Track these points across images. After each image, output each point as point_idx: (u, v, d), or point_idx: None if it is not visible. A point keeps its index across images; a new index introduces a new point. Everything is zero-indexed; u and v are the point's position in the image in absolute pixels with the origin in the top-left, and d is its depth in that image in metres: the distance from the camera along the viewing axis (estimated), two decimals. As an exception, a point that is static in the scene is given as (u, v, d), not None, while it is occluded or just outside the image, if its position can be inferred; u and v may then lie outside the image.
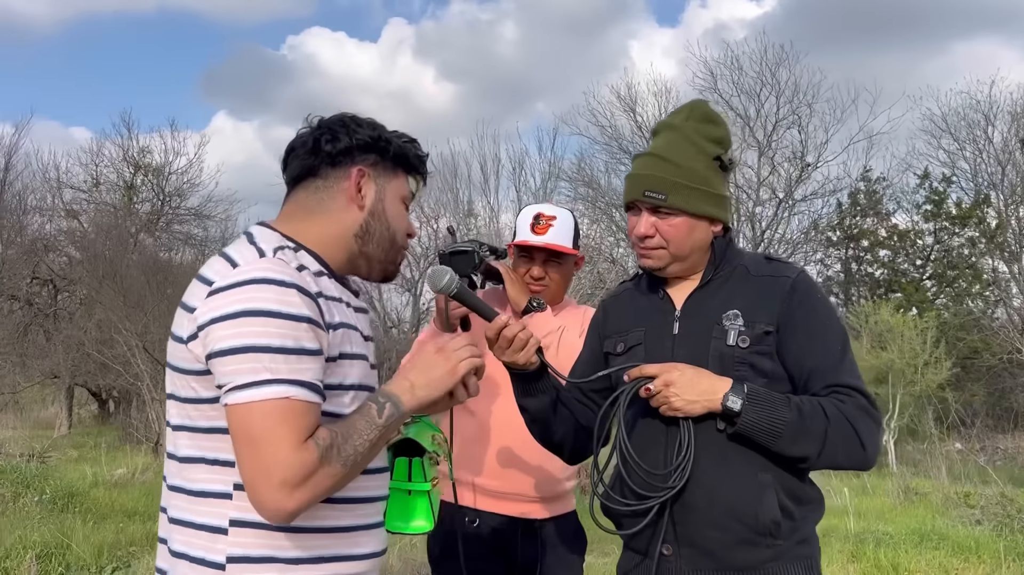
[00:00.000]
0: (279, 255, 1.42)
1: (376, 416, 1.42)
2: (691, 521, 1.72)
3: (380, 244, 1.56)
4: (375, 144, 1.54)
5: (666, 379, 1.69)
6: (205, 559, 1.39)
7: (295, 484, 1.30)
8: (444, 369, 1.52)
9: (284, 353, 1.32)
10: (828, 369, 1.74)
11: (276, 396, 1.31)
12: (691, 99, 1.94)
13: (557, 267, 2.50)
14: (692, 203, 1.78)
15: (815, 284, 1.84)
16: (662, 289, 1.89)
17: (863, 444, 1.69)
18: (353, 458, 1.38)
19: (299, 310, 1.35)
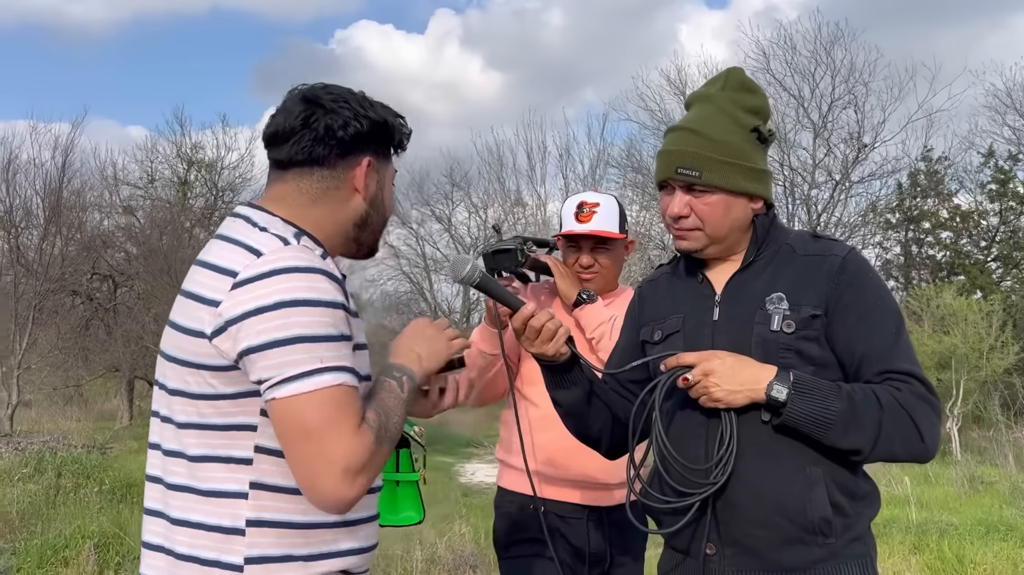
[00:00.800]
0: (304, 244, 1.39)
1: (400, 391, 1.42)
2: (735, 519, 1.61)
3: (375, 231, 1.55)
4: (380, 130, 1.49)
5: (705, 368, 1.58)
6: (220, 561, 1.35)
7: (357, 470, 1.29)
8: (442, 341, 1.52)
9: (329, 341, 1.31)
10: (882, 354, 1.61)
11: (331, 384, 1.29)
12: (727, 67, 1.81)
13: (606, 253, 2.47)
14: (729, 179, 1.66)
15: (867, 262, 1.70)
16: (701, 272, 1.77)
17: (921, 435, 1.57)
18: (395, 435, 1.38)
19: (333, 297, 1.33)
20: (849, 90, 20.47)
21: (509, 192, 22.03)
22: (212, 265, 1.36)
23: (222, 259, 1.35)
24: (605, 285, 2.50)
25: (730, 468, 1.58)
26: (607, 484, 2.36)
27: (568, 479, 2.37)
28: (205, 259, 1.38)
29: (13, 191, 17.88)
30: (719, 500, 1.62)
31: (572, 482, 2.37)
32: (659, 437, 1.63)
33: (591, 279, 2.47)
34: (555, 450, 2.36)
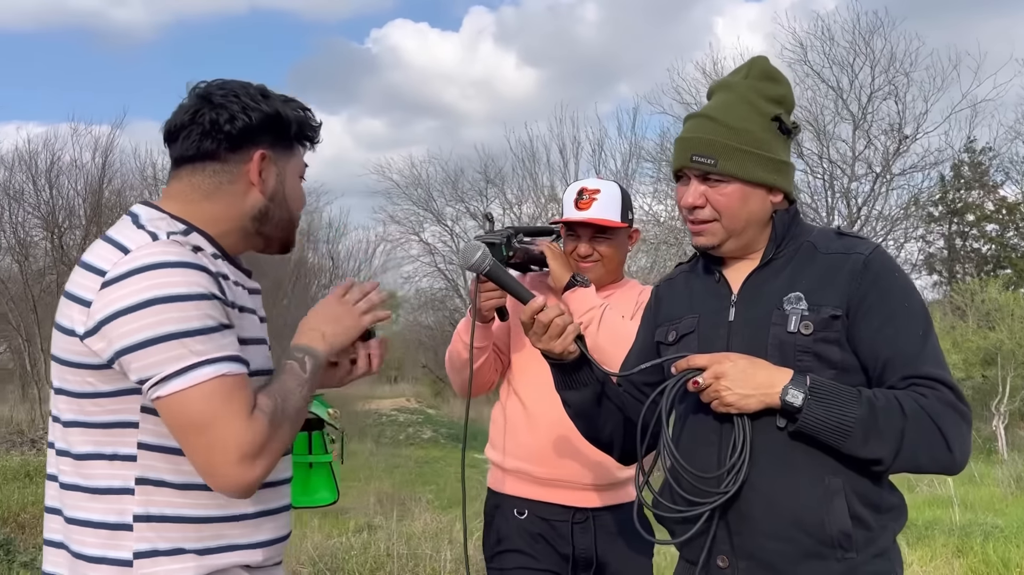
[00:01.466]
0: (174, 238, 1.37)
1: (301, 371, 1.41)
2: (748, 530, 1.54)
3: (279, 225, 1.52)
4: (273, 122, 1.47)
5: (716, 371, 1.50)
6: (107, 557, 1.35)
7: (255, 454, 1.30)
8: (351, 318, 1.50)
9: (205, 333, 1.30)
10: (907, 358, 1.52)
11: (213, 376, 1.29)
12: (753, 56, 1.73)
13: (606, 242, 2.36)
14: (745, 168, 1.59)
15: (892, 261, 1.61)
16: (718, 271, 1.70)
17: (949, 444, 1.47)
18: (295, 416, 1.39)
19: (204, 288, 1.32)
20: (889, 80, 20.01)
21: (543, 188, 21.94)
22: (87, 264, 1.36)
23: (96, 258, 1.35)
24: (605, 275, 2.39)
25: (742, 477, 1.51)
26: (593, 485, 2.27)
27: (552, 479, 2.28)
28: (83, 258, 1.38)
29: (56, 192, 18.24)
30: (731, 511, 1.54)
31: (556, 482, 2.28)
32: (666, 444, 1.56)
33: (590, 268, 2.36)
34: (538, 450, 2.28)
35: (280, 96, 1.50)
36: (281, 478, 1.49)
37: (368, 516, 6.91)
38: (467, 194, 23.48)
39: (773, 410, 1.50)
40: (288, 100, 1.50)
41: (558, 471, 2.27)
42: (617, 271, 2.43)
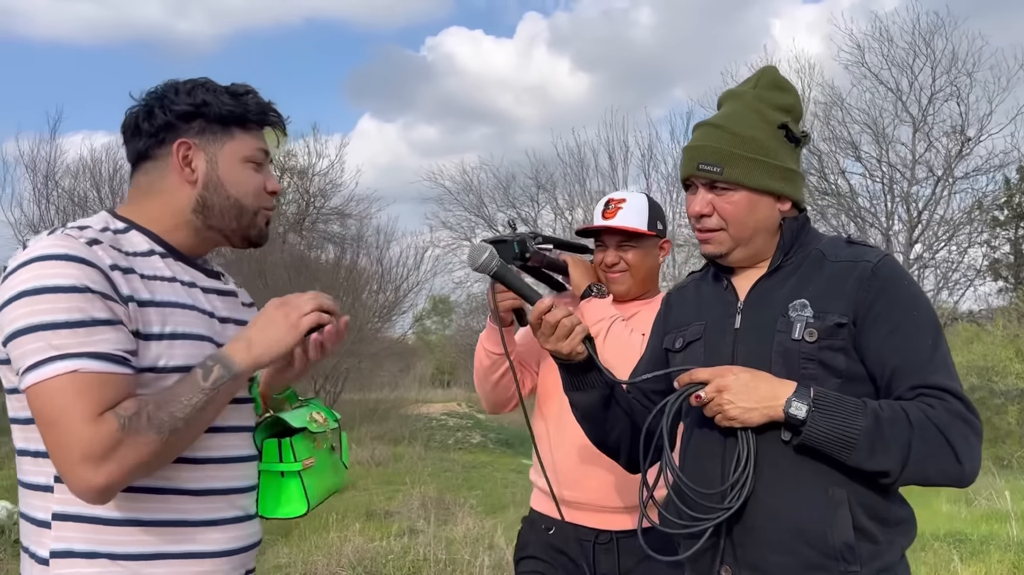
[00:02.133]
0: (68, 231, 1.35)
1: (200, 379, 1.34)
2: (751, 542, 1.52)
3: (224, 214, 1.48)
4: (196, 112, 1.45)
5: (719, 384, 1.49)
6: (36, 554, 1.36)
7: (98, 458, 1.24)
8: (284, 326, 1.42)
9: (71, 327, 1.26)
10: (915, 368, 1.48)
11: (64, 371, 1.25)
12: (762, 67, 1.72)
13: (632, 251, 2.33)
14: (751, 176, 1.58)
15: (901, 269, 1.58)
16: (726, 278, 1.69)
17: (958, 456, 1.44)
18: (171, 424, 1.30)
19: (80, 281, 1.28)
20: (951, 81, 19.47)
21: (593, 194, 21.87)
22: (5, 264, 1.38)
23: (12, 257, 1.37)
24: (634, 287, 2.34)
25: (747, 491, 1.49)
26: (615, 508, 2.24)
27: (575, 501, 2.26)
28: None
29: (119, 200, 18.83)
30: (735, 522, 1.53)
31: (579, 504, 2.26)
32: (668, 460, 1.55)
33: (618, 279, 2.33)
34: (563, 472, 2.27)
35: (217, 86, 1.49)
36: (229, 487, 1.44)
37: (411, 520, 6.96)
38: (518, 199, 23.55)
39: (777, 423, 1.48)
40: (226, 88, 1.49)
41: (579, 493, 2.26)
42: (646, 283, 2.38)
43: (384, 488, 9.17)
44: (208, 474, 1.41)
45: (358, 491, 9.14)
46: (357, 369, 16.68)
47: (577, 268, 2.36)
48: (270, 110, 1.53)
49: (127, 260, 1.37)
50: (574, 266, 2.36)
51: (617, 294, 2.35)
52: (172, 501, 1.37)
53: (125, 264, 1.36)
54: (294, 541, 6.05)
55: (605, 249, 2.35)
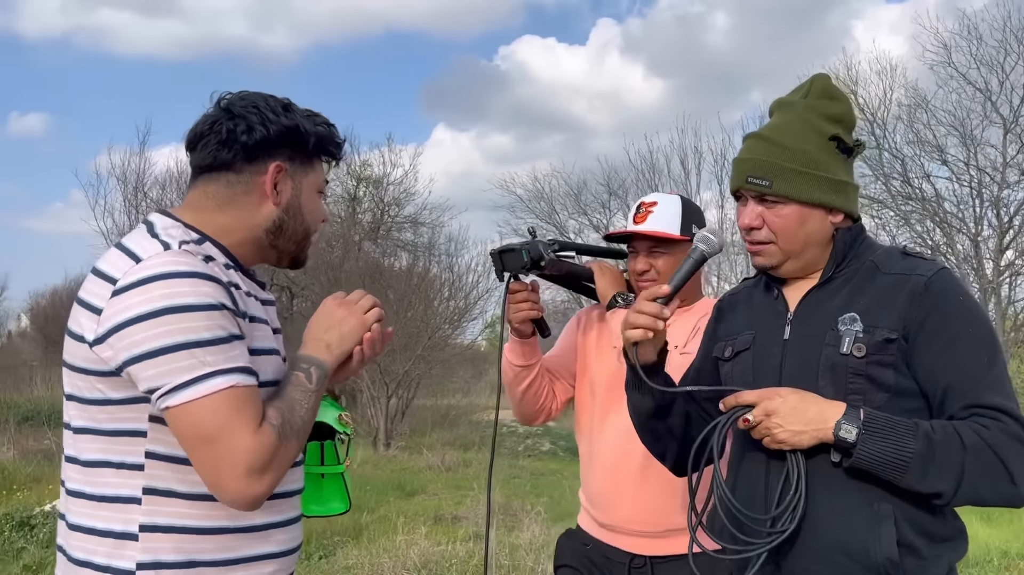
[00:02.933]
0: (185, 248, 1.36)
1: (307, 383, 1.41)
2: (793, 553, 1.50)
3: (292, 238, 1.52)
4: (292, 136, 1.46)
5: (767, 408, 1.47)
6: (111, 567, 1.34)
7: (262, 469, 1.30)
8: (352, 323, 1.48)
9: (216, 344, 1.29)
10: (968, 386, 1.45)
11: (222, 387, 1.28)
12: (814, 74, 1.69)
13: (663, 257, 2.21)
14: (801, 190, 1.56)
15: (958, 284, 1.53)
16: (777, 288, 1.67)
17: (1013, 478, 1.41)
18: (301, 430, 1.37)
19: (216, 299, 1.31)
20: (1045, 80, 18.59)
21: (667, 200, 21.60)
22: (99, 271, 1.35)
23: (108, 265, 1.35)
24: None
25: (799, 514, 1.47)
26: (651, 532, 2.16)
27: (609, 524, 2.22)
28: (96, 265, 1.37)
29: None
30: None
31: (613, 527, 2.21)
32: (719, 486, 1.53)
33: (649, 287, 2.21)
34: (595, 493, 2.24)
35: (303, 111, 1.50)
36: (291, 489, 1.47)
37: (478, 526, 7.01)
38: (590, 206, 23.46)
39: (827, 444, 1.46)
40: (311, 115, 1.50)
41: (614, 516, 2.20)
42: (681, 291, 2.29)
43: (453, 493, 9.25)
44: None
45: (427, 495, 9.26)
46: (429, 375, 16.87)
47: (604, 276, 2.27)
48: (342, 147, 1.56)
49: (226, 274, 1.39)
50: (600, 274, 2.27)
51: None
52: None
53: (227, 279, 1.38)
54: (363, 543, 6.18)
55: (636, 255, 2.25)
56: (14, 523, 6.16)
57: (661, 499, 2.12)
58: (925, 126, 19.30)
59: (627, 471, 2.16)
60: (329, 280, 16.42)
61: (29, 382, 19.88)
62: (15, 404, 12.61)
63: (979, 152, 19.10)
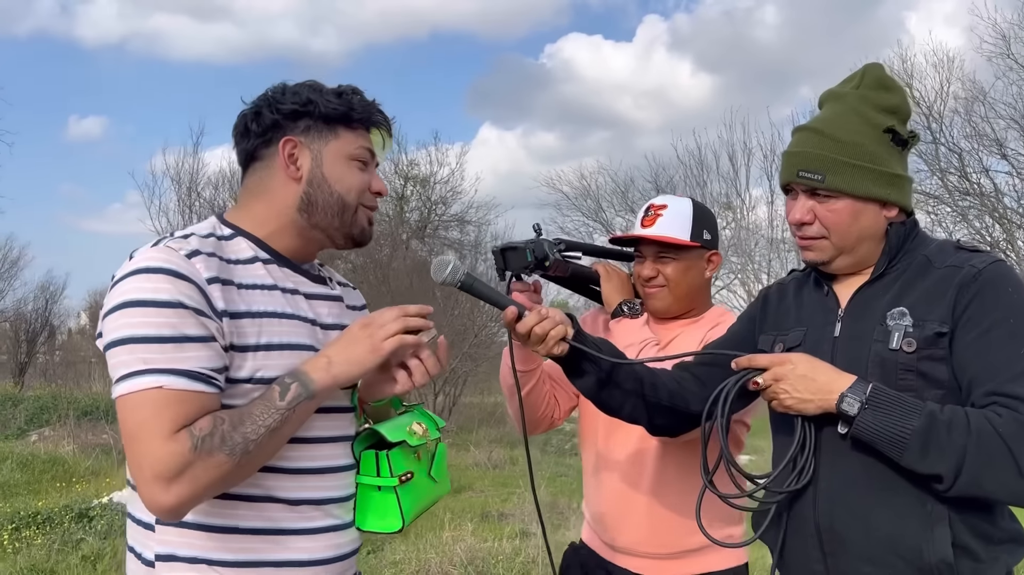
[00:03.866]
0: (170, 243, 1.35)
1: (277, 399, 1.32)
2: (843, 553, 1.47)
3: (327, 211, 1.47)
4: (304, 109, 1.45)
5: (776, 373, 1.48)
6: (142, 555, 1.39)
7: (169, 478, 1.23)
8: (366, 345, 1.39)
9: (161, 342, 1.26)
10: (994, 373, 1.39)
11: (148, 386, 1.25)
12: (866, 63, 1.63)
13: (671, 263, 2.08)
14: (855, 184, 1.52)
15: (1010, 275, 1.47)
16: (828, 284, 1.64)
17: (1020, 470, 1.33)
18: (243, 446, 1.28)
19: (173, 296, 1.28)
20: (1112, 70, 17.94)
21: (714, 196, 21.41)
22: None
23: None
24: (674, 304, 2.10)
25: (807, 478, 1.49)
26: (658, 554, 2.06)
27: (617, 545, 2.11)
28: None
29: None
30: (826, 531, 1.50)
31: (621, 549, 2.10)
32: (724, 447, 1.54)
33: (655, 294, 2.10)
34: (602, 513, 2.13)
35: (325, 87, 1.49)
36: (321, 497, 1.42)
37: (524, 523, 7.01)
38: (636, 204, 23.29)
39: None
40: (333, 89, 1.49)
41: (622, 538, 2.09)
42: (689, 298, 2.12)
43: (499, 490, 9.27)
44: (303, 484, 1.41)
45: (474, 492, 9.29)
46: (475, 372, 16.93)
47: (610, 281, 2.17)
48: (375, 110, 1.52)
49: (227, 270, 1.38)
50: (607, 279, 2.17)
51: (655, 311, 2.13)
52: (266, 509, 1.38)
53: (224, 275, 1.36)
54: (410, 539, 6.22)
55: (643, 260, 2.12)
56: (73, 515, 6.34)
57: (671, 522, 2.04)
58: (983, 119, 18.76)
59: (637, 494, 2.07)
60: (377, 279, 16.58)
61: (88, 378, 20.45)
62: (75, 399, 12.99)
63: (1041, 146, 18.52)
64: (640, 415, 1.74)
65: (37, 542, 5.71)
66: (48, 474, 9.22)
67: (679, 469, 2.02)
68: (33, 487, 8.58)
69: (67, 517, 6.30)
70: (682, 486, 2.01)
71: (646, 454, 2.06)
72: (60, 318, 27.71)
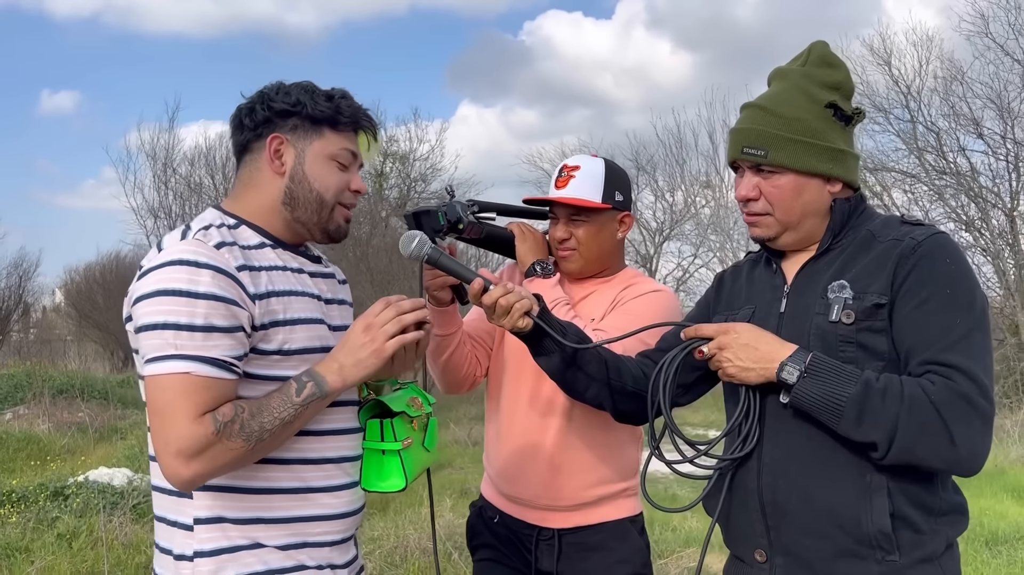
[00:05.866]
0: (198, 236, 1.46)
1: (294, 395, 1.45)
2: (786, 526, 1.51)
3: (307, 207, 1.56)
4: (293, 108, 1.54)
5: (721, 342, 1.52)
6: (177, 521, 1.50)
7: (190, 455, 1.36)
8: (370, 350, 1.51)
9: (191, 330, 1.38)
10: (929, 343, 1.41)
11: (177, 371, 1.37)
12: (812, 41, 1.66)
13: (583, 226, 2.10)
14: (797, 159, 1.55)
15: (950, 247, 1.49)
16: (776, 262, 1.67)
17: (952, 438, 1.36)
18: (259, 434, 1.41)
19: (208, 289, 1.39)
20: (1087, 50, 18.07)
21: (696, 175, 21.47)
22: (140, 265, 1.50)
23: (145, 259, 1.50)
24: (587, 265, 2.13)
25: (751, 444, 1.53)
26: (559, 506, 2.11)
27: (516, 497, 2.16)
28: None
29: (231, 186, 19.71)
30: (769, 505, 1.53)
31: (520, 500, 2.15)
32: (667, 413, 1.58)
33: (568, 256, 2.13)
34: (505, 466, 2.17)
35: (318, 90, 1.58)
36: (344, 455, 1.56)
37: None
38: (617, 182, 23.25)
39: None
40: (324, 91, 1.58)
41: (522, 490, 2.14)
42: (600, 260, 2.15)
43: (479, 467, 9.30)
44: (326, 444, 1.54)
45: (454, 470, 9.34)
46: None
47: (525, 242, 2.17)
48: (362, 114, 1.60)
49: (247, 256, 1.49)
50: (521, 239, 2.17)
51: (568, 272, 2.16)
52: (296, 470, 1.51)
53: (248, 262, 1.48)
54: (389, 515, 6.27)
55: (556, 222, 2.14)
56: (48, 493, 6.32)
57: (574, 477, 2.09)
58: (961, 99, 18.89)
59: (541, 447, 2.10)
60: (356, 256, 16.52)
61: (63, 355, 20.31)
62: (50, 377, 12.88)
63: (1016, 125, 18.67)
64: (605, 400, 1.76)
65: (12, 520, 5.70)
66: (23, 452, 9.18)
67: (583, 423, 2.08)
68: (7, 466, 8.54)
69: (42, 495, 6.28)
70: (584, 441, 2.08)
71: (551, 408, 2.10)
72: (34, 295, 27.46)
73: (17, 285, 24.61)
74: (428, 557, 4.90)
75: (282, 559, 1.49)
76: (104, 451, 9.37)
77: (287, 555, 1.49)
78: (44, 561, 4.71)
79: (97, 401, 12.34)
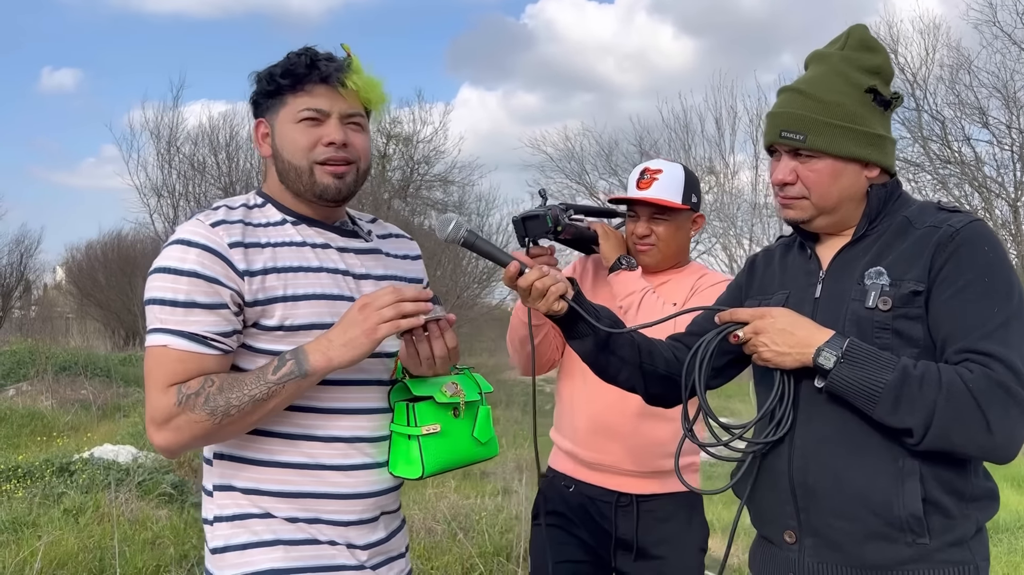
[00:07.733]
0: (201, 216, 1.52)
1: (269, 373, 1.45)
2: (816, 507, 1.51)
3: (290, 179, 1.58)
4: (261, 86, 1.59)
5: (757, 327, 1.52)
6: (205, 487, 1.60)
7: (159, 423, 1.43)
8: (360, 329, 1.46)
9: (173, 306, 1.44)
10: (967, 331, 1.41)
11: (156, 343, 1.45)
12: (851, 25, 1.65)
13: (663, 223, 2.33)
14: (836, 143, 1.54)
15: (987, 235, 1.48)
16: (811, 247, 1.66)
17: (989, 425, 1.36)
18: (224, 409, 1.43)
19: (191, 267, 1.45)
20: (1095, 40, 17.97)
21: (700, 160, 21.37)
22: None
23: None
24: (663, 260, 2.36)
25: (785, 428, 1.52)
26: (637, 472, 2.27)
27: (595, 463, 2.31)
28: None
29: (234, 165, 19.65)
30: (800, 486, 1.53)
31: (599, 466, 2.31)
32: (702, 396, 1.57)
33: (646, 251, 2.35)
34: (585, 434, 2.32)
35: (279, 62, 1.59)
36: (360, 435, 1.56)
37: (506, 481, 7.11)
38: (620, 167, 23.27)
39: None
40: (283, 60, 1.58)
41: (601, 455, 2.29)
42: (676, 255, 2.38)
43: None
44: (336, 423, 1.54)
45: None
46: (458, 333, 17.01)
47: (608, 240, 2.37)
48: (316, 65, 1.53)
49: (252, 233, 1.52)
50: (604, 238, 2.37)
51: (646, 266, 2.36)
52: (300, 445, 1.52)
53: (249, 239, 1.51)
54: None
55: (637, 220, 2.35)
56: (54, 469, 6.34)
57: (654, 442, 2.25)
58: (967, 87, 18.81)
59: (625, 415, 2.25)
60: (359, 238, 16.49)
61: (65, 333, 20.31)
62: (52, 355, 12.89)
63: (1022, 115, 18.61)
64: (637, 383, 1.77)
65: (18, 495, 5.72)
66: (27, 428, 9.20)
67: None
68: (12, 441, 8.57)
69: (48, 471, 6.30)
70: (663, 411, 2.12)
71: None
72: (36, 272, 27.44)
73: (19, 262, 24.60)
74: (433, 538, 4.93)
75: (292, 531, 1.50)
76: (107, 428, 9.39)
77: (298, 528, 1.50)
78: (51, 536, 4.73)
79: (100, 379, 12.35)
